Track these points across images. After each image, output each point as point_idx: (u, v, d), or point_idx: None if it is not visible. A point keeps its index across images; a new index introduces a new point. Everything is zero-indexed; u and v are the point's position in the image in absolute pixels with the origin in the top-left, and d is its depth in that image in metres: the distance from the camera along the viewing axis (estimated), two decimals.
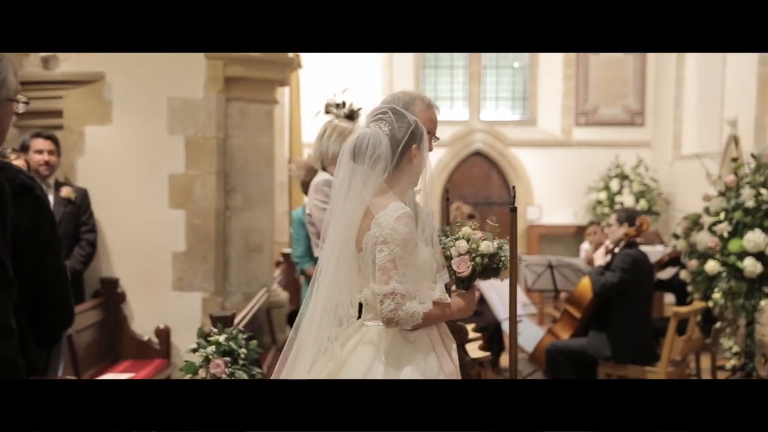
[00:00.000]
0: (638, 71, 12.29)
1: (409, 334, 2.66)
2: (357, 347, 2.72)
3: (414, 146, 2.71)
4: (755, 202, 5.92)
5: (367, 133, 2.70)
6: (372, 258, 2.64)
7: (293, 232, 6.45)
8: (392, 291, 2.56)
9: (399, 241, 2.58)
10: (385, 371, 2.64)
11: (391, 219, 2.59)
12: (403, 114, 2.74)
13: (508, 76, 12.72)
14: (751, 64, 8.74)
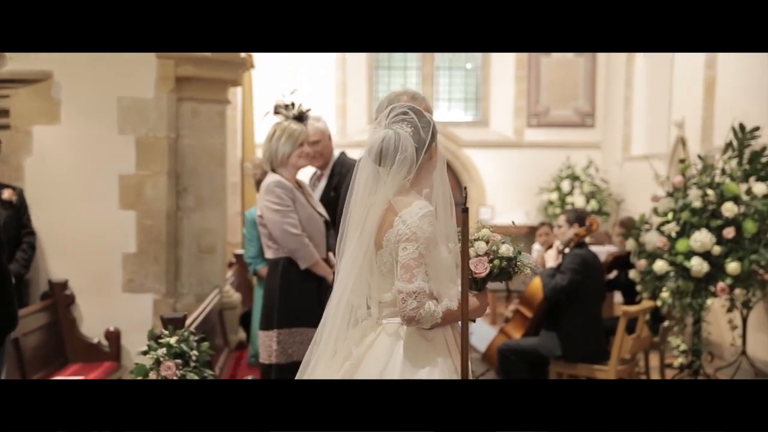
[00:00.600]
0: (588, 73, 12.44)
1: (427, 332, 2.65)
2: (376, 341, 2.70)
3: (434, 145, 2.73)
4: (702, 202, 6.03)
5: (391, 135, 2.68)
6: (393, 255, 2.63)
7: (246, 233, 6.43)
8: (416, 290, 2.55)
9: (423, 240, 2.58)
10: (402, 368, 2.63)
11: (416, 217, 2.59)
12: (422, 113, 2.74)
13: (460, 78, 12.79)
14: (698, 66, 8.90)
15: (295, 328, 4.40)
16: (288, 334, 4.40)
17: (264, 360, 4.47)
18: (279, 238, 4.43)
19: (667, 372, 6.60)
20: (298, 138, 4.50)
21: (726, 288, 5.98)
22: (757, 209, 5.96)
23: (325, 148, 5.32)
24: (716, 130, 8.40)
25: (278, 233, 4.42)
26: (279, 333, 4.39)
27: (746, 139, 6.25)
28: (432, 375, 2.62)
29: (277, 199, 4.41)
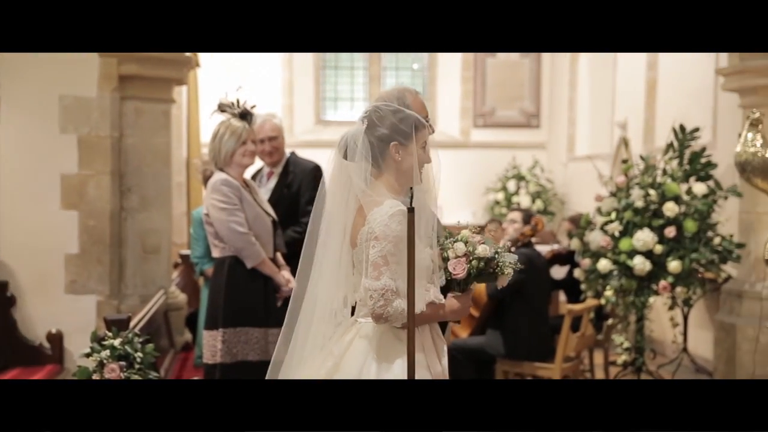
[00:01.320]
0: (533, 74, 12.57)
1: (400, 332, 2.65)
2: (353, 342, 2.72)
3: (395, 144, 2.71)
4: (644, 202, 6.13)
5: (350, 130, 2.75)
6: (366, 254, 2.64)
7: (193, 232, 6.37)
8: (382, 287, 2.57)
9: (391, 238, 2.59)
10: (377, 367, 2.65)
11: (385, 216, 2.61)
12: (387, 113, 2.74)
13: (407, 78, 12.81)
14: (639, 68, 9.05)
15: (240, 327, 4.38)
16: (233, 333, 4.37)
17: (208, 360, 4.43)
18: (225, 236, 4.40)
19: (611, 369, 6.71)
20: (241, 135, 4.47)
21: (667, 286, 6.09)
22: (697, 209, 6.09)
23: (281, 145, 5.33)
24: (658, 131, 8.56)
25: (224, 232, 4.39)
26: (224, 332, 4.36)
27: (686, 140, 6.38)
28: (402, 372, 2.60)
29: (223, 198, 4.39)
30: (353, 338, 2.73)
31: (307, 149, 6.78)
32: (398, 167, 2.73)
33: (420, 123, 2.76)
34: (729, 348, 6.37)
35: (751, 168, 4.74)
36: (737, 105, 6.46)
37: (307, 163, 5.40)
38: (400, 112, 2.74)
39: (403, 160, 2.72)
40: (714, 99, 7.59)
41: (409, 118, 2.73)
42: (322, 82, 12.54)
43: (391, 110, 2.74)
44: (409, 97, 2.96)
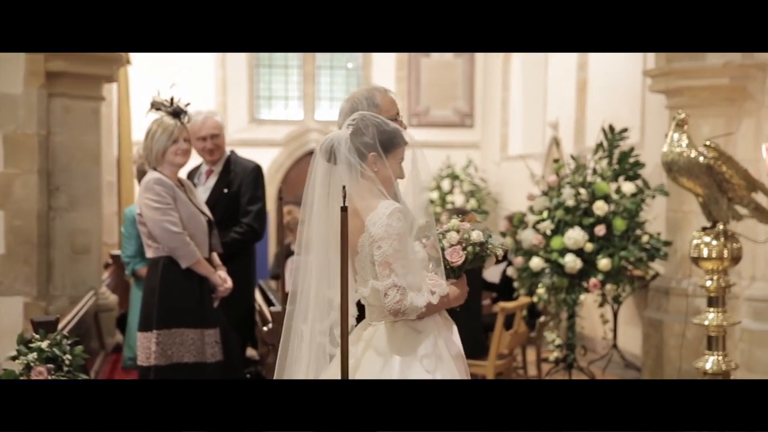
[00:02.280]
0: (467, 74, 12.67)
1: (417, 323, 2.77)
2: (366, 353, 2.79)
3: (373, 154, 2.78)
4: (575, 201, 6.24)
5: (334, 135, 2.81)
6: (370, 258, 2.72)
7: (124, 230, 6.27)
8: (394, 284, 2.66)
9: (395, 236, 2.68)
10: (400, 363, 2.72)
11: (384, 216, 2.69)
12: (372, 123, 2.81)
13: (342, 77, 12.81)
14: (570, 69, 9.20)
15: (175, 328, 4.32)
16: (168, 335, 4.30)
17: (142, 362, 4.36)
18: (159, 236, 4.33)
19: (543, 366, 6.80)
20: (173, 133, 4.40)
21: (598, 284, 6.20)
22: (626, 207, 6.22)
23: (222, 143, 5.27)
24: (588, 131, 8.71)
25: (158, 231, 4.32)
26: (158, 334, 4.29)
27: (615, 140, 6.50)
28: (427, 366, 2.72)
29: (156, 197, 4.32)
30: (366, 347, 2.81)
31: (241, 148, 6.73)
32: (380, 174, 2.81)
33: (401, 139, 2.85)
34: (657, 344, 6.51)
35: (677, 168, 4.84)
36: (664, 106, 6.61)
37: (247, 163, 5.35)
38: (386, 124, 2.83)
39: (380, 170, 2.80)
40: (642, 100, 7.76)
41: (392, 133, 2.83)
42: (256, 81, 12.45)
43: (376, 122, 2.82)
44: (378, 96, 3.08)
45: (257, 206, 5.22)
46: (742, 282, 6.11)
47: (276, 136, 12.26)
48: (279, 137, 12.27)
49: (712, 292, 4.85)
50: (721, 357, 4.84)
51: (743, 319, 6.02)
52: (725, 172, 4.74)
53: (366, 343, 2.82)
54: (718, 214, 4.86)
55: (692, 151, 4.76)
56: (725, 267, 4.84)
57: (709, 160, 4.73)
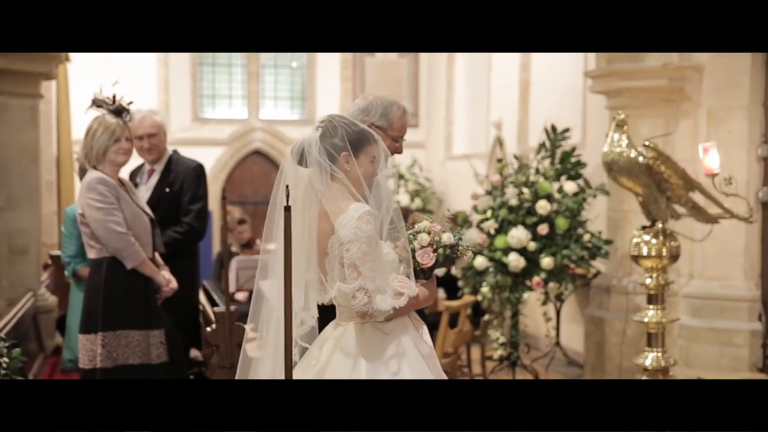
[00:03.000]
0: (412, 74, 12.72)
1: (385, 325, 2.79)
2: (334, 354, 2.82)
3: (345, 154, 2.82)
4: (518, 200, 6.30)
5: (304, 138, 2.86)
6: (339, 260, 2.75)
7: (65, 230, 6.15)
8: (362, 286, 2.70)
9: (364, 239, 2.71)
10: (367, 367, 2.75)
11: (354, 219, 2.72)
12: (340, 124, 2.86)
13: (286, 76, 12.75)
14: (513, 69, 9.29)
15: (120, 330, 4.26)
16: (113, 337, 4.24)
17: (85, 365, 4.28)
18: (103, 236, 4.26)
19: (488, 364, 6.86)
20: (114, 132, 4.33)
21: (541, 282, 6.27)
22: (568, 207, 6.30)
23: (160, 142, 5.21)
24: (531, 131, 8.81)
25: (102, 232, 4.25)
26: (104, 336, 4.22)
27: (557, 140, 6.59)
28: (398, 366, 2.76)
29: (99, 197, 4.25)
30: (334, 347, 2.83)
31: (184, 147, 6.65)
32: (347, 176, 2.84)
33: (370, 138, 2.89)
34: (598, 341, 6.61)
35: (617, 167, 4.92)
36: (604, 106, 6.71)
37: (189, 162, 5.31)
38: (354, 125, 2.88)
39: (351, 170, 2.83)
40: (583, 100, 7.88)
41: (361, 132, 2.87)
42: (199, 79, 12.32)
43: (345, 122, 2.87)
44: (395, 112, 3.32)
45: (198, 205, 5.19)
46: (681, 280, 6.24)
47: (220, 135, 12.15)
48: (223, 136, 12.16)
49: (652, 289, 4.94)
50: (660, 353, 4.93)
51: (682, 316, 6.16)
52: (664, 172, 4.84)
53: (335, 342, 2.83)
54: (657, 213, 4.95)
55: (632, 151, 4.85)
56: (664, 265, 4.94)
57: (648, 160, 4.82)
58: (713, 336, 6.11)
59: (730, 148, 5.94)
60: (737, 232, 5.98)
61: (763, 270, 6.11)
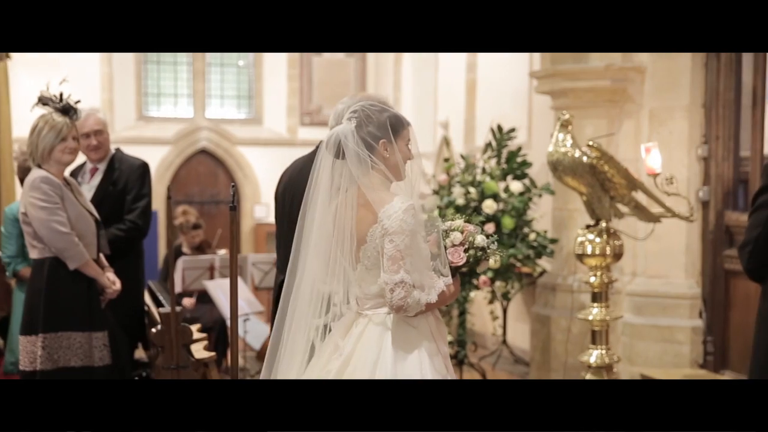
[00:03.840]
0: (359, 73, 12.73)
1: (412, 320, 2.79)
2: (364, 332, 2.81)
3: (383, 141, 2.82)
4: (465, 200, 6.34)
5: (338, 130, 2.83)
6: (379, 249, 2.74)
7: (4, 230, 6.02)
8: (402, 280, 2.68)
9: (408, 232, 2.70)
10: (394, 355, 2.75)
11: (400, 211, 2.71)
12: (374, 111, 2.85)
13: (233, 74, 12.66)
14: (460, 69, 9.35)
15: (62, 332, 4.18)
16: (54, 338, 4.17)
17: (25, 367, 4.21)
18: (46, 236, 4.19)
19: None
20: (61, 131, 4.27)
21: (487, 281, 6.32)
22: (514, 206, 6.36)
23: (106, 140, 5.14)
24: (478, 131, 8.87)
25: (45, 232, 4.18)
26: (44, 338, 4.15)
27: (503, 140, 6.65)
28: (421, 357, 2.77)
29: (43, 196, 4.17)
30: (363, 330, 2.82)
31: (128, 146, 6.56)
32: (386, 163, 2.84)
33: (405, 121, 2.91)
34: (544, 339, 6.68)
35: (562, 167, 4.98)
36: (549, 107, 6.78)
37: (133, 160, 5.25)
38: (385, 111, 2.88)
39: (390, 156, 2.84)
40: (529, 101, 7.96)
41: (395, 117, 2.88)
42: (143, 77, 12.18)
43: (377, 109, 2.86)
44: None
45: (142, 203, 5.13)
46: (624, 278, 6.34)
47: (165, 134, 12.02)
48: (168, 135, 12.03)
49: (596, 287, 5.02)
50: (604, 350, 5.01)
51: (625, 313, 6.25)
52: (607, 172, 4.91)
53: (359, 333, 2.82)
54: (601, 212, 5.03)
55: (576, 150, 4.91)
56: (608, 263, 5.02)
57: (592, 160, 4.89)
58: (656, 333, 6.22)
59: (672, 148, 6.04)
60: (678, 231, 6.09)
61: (703, 268, 6.23)
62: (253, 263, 7.46)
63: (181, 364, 4.41)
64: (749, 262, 3.38)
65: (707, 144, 6.15)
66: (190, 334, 4.52)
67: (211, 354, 4.73)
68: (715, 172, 6.12)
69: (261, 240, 12.28)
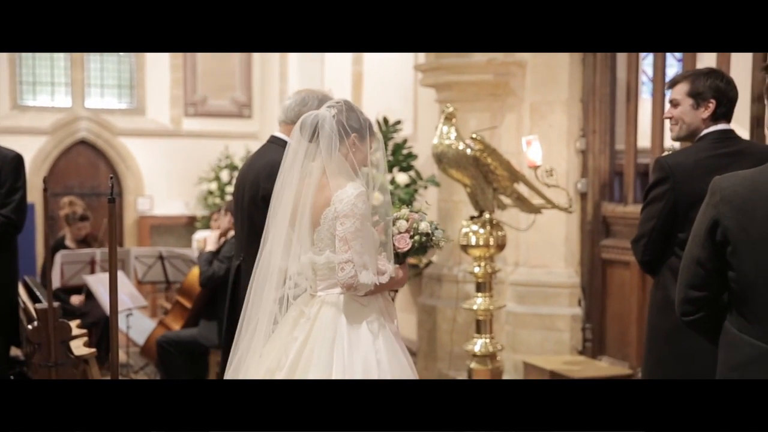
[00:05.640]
0: (244, 65, 12.57)
1: (362, 298, 3.00)
2: (320, 312, 3.00)
3: (355, 135, 3.04)
4: None
5: (315, 113, 3.06)
6: (331, 231, 2.95)
7: None
8: (350, 259, 2.89)
9: (359, 216, 2.91)
10: (348, 330, 2.95)
11: (352, 196, 2.92)
12: (354, 108, 3.10)
13: (113, 64, 12.30)
14: (346, 62, 9.37)
15: None
16: None
17: None
18: None
19: None
20: None
21: None
22: (400, 198, 6.41)
23: None
24: None
25: None
26: None
27: (390, 132, 6.69)
28: (374, 338, 2.99)
29: None
30: (319, 309, 3.01)
31: (2, 136, 6.31)
32: (353, 155, 3.05)
33: (374, 131, 3.14)
34: (430, 329, 6.77)
35: (446, 159, 5.06)
36: (434, 100, 6.86)
37: (6, 152, 5.03)
38: (363, 114, 3.12)
39: (356, 151, 3.05)
40: (414, 93, 8.03)
41: (369, 122, 3.12)
42: (18, 65, 11.71)
43: (358, 109, 3.12)
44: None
45: (16, 197, 4.92)
46: (507, 268, 6.48)
47: (42, 124, 11.59)
48: (45, 125, 11.61)
49: (480, 278, 5.12)
50: (488, 339, 5.12)
51: (508, 302, 6.40)
52: (490, 164, 5.01)
53: (317, 312, 3.00)
54: (485, 203, 5.13)
55: (460, 143, 5.00)
56: (491, 254, 5.13)
57: (476, 153, 4.98)
58: (537, 321, 6.39)
59: (551, 141, 6.21)
60: (558, 222, 6.26)
61: (582, 257, 6.43)
62: (136, 257, 7.30)
63: (59, 361, 4.27)
64: (644, 254, 3.49)
65: (585, 137, 6.34)
66: (69, 330, 4.38)
67: (92, 350, 4.59)
68: (592, 165, 6.32)
69: (145, 233, 12.00)
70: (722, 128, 3.44)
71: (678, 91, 3.49)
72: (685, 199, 3.32)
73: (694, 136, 3.49)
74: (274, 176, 3.17)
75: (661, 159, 3.50)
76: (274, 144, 3.91)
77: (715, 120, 3.44)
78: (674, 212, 3.36)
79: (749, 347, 2.28)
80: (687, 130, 3.49)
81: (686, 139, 3.54)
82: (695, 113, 3.45)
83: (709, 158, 3.34)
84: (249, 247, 3.65)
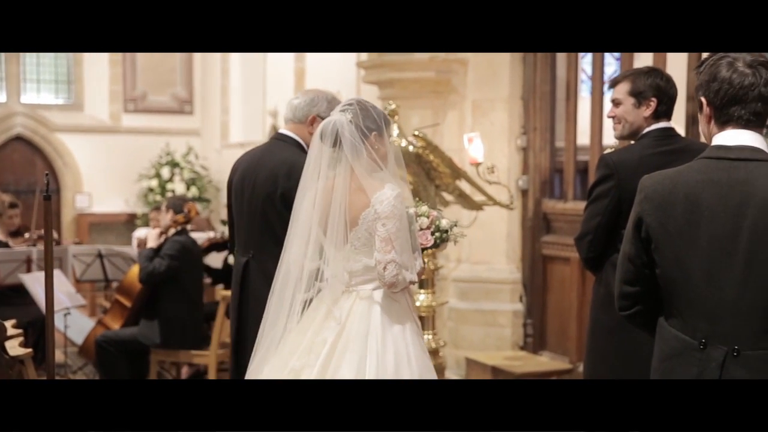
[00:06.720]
0: (185, 61, 12.44)
1: (395, 294, 3.07)
2: (353, 306, 3.05)
3: (375, 133, 3.07)
4: None
5: (333, 120, 3.07)
6: (370, 231, 3.01)
7: None
8: (393, 259, 2.95)
9: (399, 216, 2.99)
10: (382, 324, 3.01)
11: (391, 198, 2.97)
12: (367, 107, 3.11)
13: (50, 58, 12.07)
14: (288, 58, 9.33)
15: None
16: None
17: None
18: None
19: None
20: None
21: None
22: None
23: None
24: None
25: None
26: None
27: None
28: (404, 332, 3.05)
29: None
30: (352, 304, 3.06)
31: None
32: (377, 153, 3.09)
33: (389, 121, 3.21)
34: None
35: None
36: (377, 97, 6.87)
37: None
38: (376, 108, 3.15)
39: (379, 148, 3.09)
40: (357, 90, 8.03)
41: (384, 114, 3.15)
42: None
43: (370, 105, 3.14)
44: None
45: None
46: (450, 264, 6.52)
47: None
48: None
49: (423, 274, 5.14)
50: (431, 335, 5.15)
51: (451, 299, 6.45)
52: (432, 161, 5.04)
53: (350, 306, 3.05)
54: (427, 200, 5.15)
55: (402, 140, 5.01)
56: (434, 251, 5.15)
57: (418, 149, 5.00)
58: (479, 317, 6.44)
59: (493, 138, 6.26)
60: (500, 219, 6.32)
61: (523, 254, 6.51)
62: (74, 255, 7.16)
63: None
64: (589, 251, 3.51)
65: (526, 135, 6.41)
66: (4, 330, 4.29)
67: (27, 350, 4.49)
68: (533, 162, 6.40)
69: (84, 230, 11.81)
70: (664, 126, 3.49)
71: (619, 91, 3.53)
72: (629, 196, 3.33)
73: (636, 135, 3.53)
74: (293, 175, 3.27)
75: (605, 156, 3.53)
76: (282, 141, 3.85)
77: (657, 118, 3.48)
78: (618, 209, 3.37)
79: (674, 340, 2.34)
80: (630, 129, 3.53)
81: (629, 137, 3.59)
82: (637, 112, 3.49)
83: (652, 155, 3.38)
84: (261, 243, 3.66)
